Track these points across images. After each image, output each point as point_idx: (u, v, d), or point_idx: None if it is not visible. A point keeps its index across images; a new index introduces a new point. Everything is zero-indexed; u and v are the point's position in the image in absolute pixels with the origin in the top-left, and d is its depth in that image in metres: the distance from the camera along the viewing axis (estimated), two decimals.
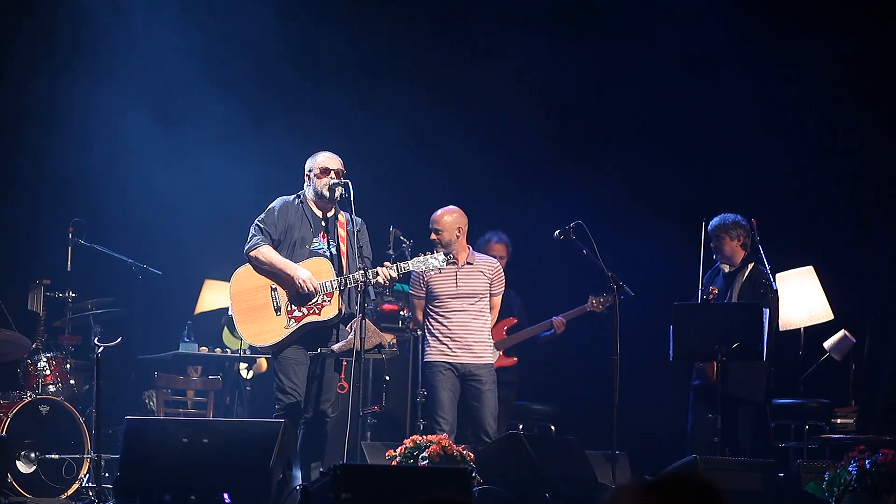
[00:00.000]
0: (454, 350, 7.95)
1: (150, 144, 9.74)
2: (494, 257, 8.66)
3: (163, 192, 9.86)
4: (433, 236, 7.99)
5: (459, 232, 8.00)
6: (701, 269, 8.52)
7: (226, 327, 9.60)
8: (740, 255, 8.67)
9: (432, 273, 7.82)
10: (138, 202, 9.91)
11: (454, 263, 7.90)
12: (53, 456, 8.10)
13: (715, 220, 8.65)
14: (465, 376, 7.96)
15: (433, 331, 7.99)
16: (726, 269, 8.73)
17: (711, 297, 8.49)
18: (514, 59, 10.53)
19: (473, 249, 8.28)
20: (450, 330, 7.96)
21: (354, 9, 10.33)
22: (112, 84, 9.63)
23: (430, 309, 8.02)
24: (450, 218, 8.00)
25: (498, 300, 8.16)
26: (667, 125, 10.41)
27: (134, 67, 9.77)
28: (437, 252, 7.46)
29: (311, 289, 7.18)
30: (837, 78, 9.82)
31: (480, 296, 8.02)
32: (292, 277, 7.21)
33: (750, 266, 8.63)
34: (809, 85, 9.93)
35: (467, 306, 7.98)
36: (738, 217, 8.64)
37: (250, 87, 9.99)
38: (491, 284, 8.06)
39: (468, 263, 8.03)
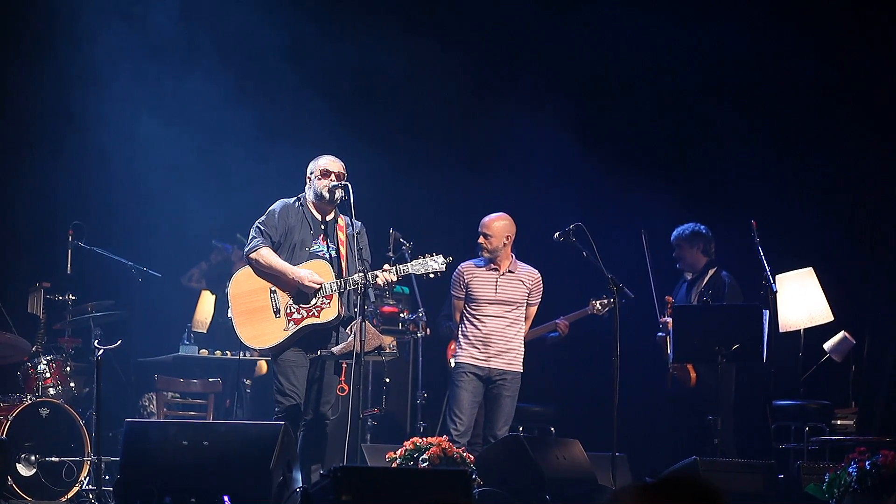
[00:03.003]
0: (484, 354, 7.99)
1: (150, 146, 9.73)
2: None
3: (163, 194, 9.86)
4: (480, 240, 8.05)
5: (507, 240, 8.07)
6: (651, 277, 8.73)
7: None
8: (701, 262, 8.96)
9: (470, 275, 7.91)
10: (138, 204, 9.92)
11: (496, 270, 7.99)
12: (53, 459, 8.09)
13: (676, 231, 9.00)
14: (489, 380, 8.01)
15: (466, 332, 8.06)
16: (689, 276, 9.01)
17: (669, 307, 8.69)
18: (516, 59, 10.54)
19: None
20: (483, 334, 8.01)
21: (356, 14, 10.33)
22: (112, 87, 9.63)
23: (467, 311, 8.10)
24: (500, 224, 8.05)
25: (533, 310, 8.24)
26: (666, 125, 10.42)
27: (134, 69, 9.77)
28: (436, 254, 7.46)
29: (316, 284, 7.18)
30: (840, 80, 9.83)
31: (517, 304, 8.08)
32: (292, 279, 7.21)
33: (710, 272, 8.91)
34: (811, 86, 9.94)
35: (504, 313, 8.04)
36: (699, 226, 8.95)
37: (252, 91, 9.99)
38: (529, 294, 8.11)
39: (509, 272, 8.08)
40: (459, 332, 8.12)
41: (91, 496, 7.89)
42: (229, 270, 9.91)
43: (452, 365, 8.29)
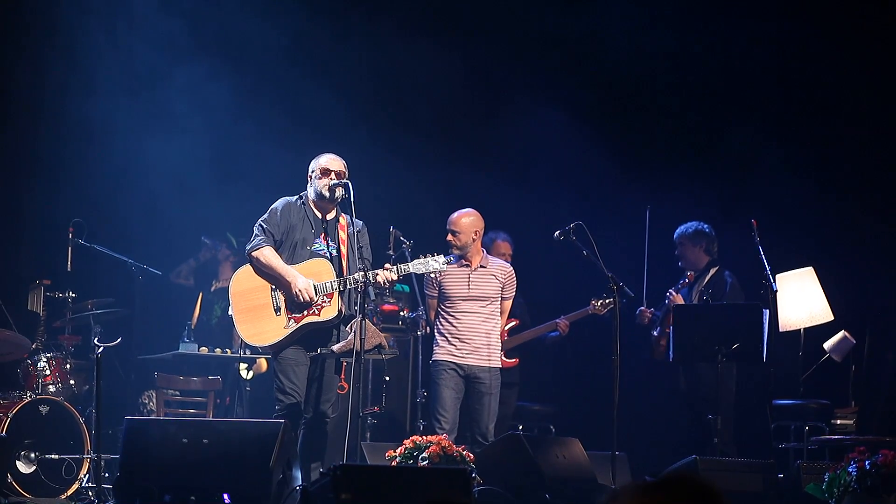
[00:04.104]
0: (461, 351, 7.97)
1: (151, 145, 9.73)
2: (502, 255, 8.82)
3: (164, 192, 9.86)
4: (449, 237, 8.03)
5: (476, 235, 8.04)
6: (646, 258, 8.77)
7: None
8: (703, 260, 8.97)
9: (442, 274, 7.85)
10: (138, 202, 9.92)
11: (467, 266, 7.97)
12: (53, 456, 8.09)
13: (679, 229, 9.01)
14: (469, 378, 7.99)
15: (442, 331, 8.03)
16: (691, 275, 8.97)
17: (678, 293, 8.75)
18: (519, 56, 10.52)
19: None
20: (458, 331, 7.99)
21: (359, 11, 10.33)
22: (113, 86, 9.63)
23: (441, 309, 8.07)
24: (467, 220, 8.03)
25: (508, 304, 8.20)
26: (664, 124, 10.41)
27: (133, 68, 9.77)
28: (437, 254, 7.47)
29: (307, 298, 7.19)
30: (841, 79, 9.83)
31: (491, 299, 8.05)
32: (290, 284, 7.21)
33: (712, 271, 8.92)
34: (811, 85, 9.94)
35: (478, 308, 8.01)
36: (702, 225, 8.96)
37: (255, 92, 9.99)
38: (503, 289, 8.09)
39: (481, 267, 8.07)
40: (436, 331, 8.09)
41: (91, 493, 7.89)
42: (215, 269, 9.98)
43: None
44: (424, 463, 6.65)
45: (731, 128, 10.15)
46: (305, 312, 7.25)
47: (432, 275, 7.92)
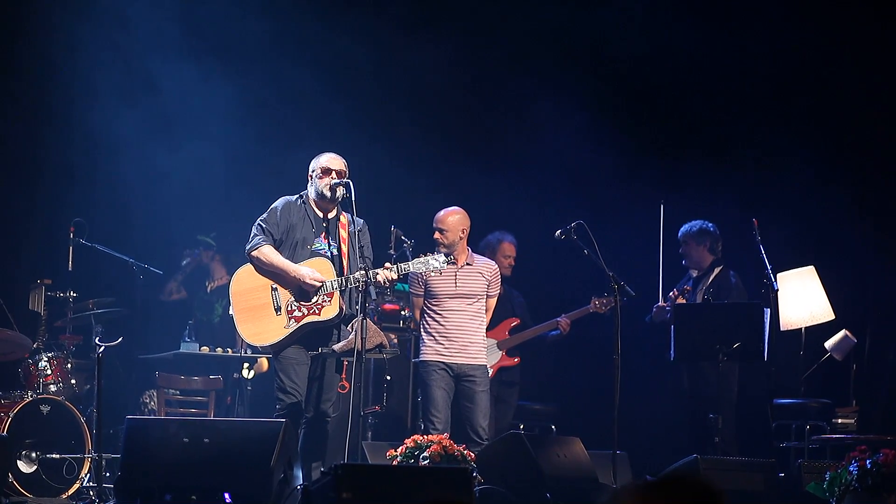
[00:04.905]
0: (449, 350, 7.95)
1: (153, 144, 9.73)
2: (507, 257, 8.81)
3: (164, 192, 9.86)
4: (436, 235, 8.00)
5: (463, 233, 8.02)
6: (662, 253, 8.72)
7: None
8: (707, 259, 8.97)
9: (432, 273, 7.83)
10: (139, 202, 9.92)
11: (454, 264, 7.93)
12: (54, 455, 8.09)
13: (683, 227, 8.99)
14: (458, 376, 7.96)
15: (429, 329, 8.00)
16: (694, 273, 9.01)
17: (681, 296, 8.72)
18: (520, 54, 10.52)
19: (482, 249, 8.30)
20: (446, 329, 7.96)
21: (361, 8, 10.32)
22: (114, 84, 9.63)
23: (427, 308, 8.03)
24: (454, 219, 8.02)
25: (493, 302, 8.18)
26: (664, 123, 10.40)
27: (135, 69, 9.77)
28: (437, 254, 7.46)
29: (317, 283, 7.18)
30: (838, 76, 9.83)
31: (478, 297, 8.03)
32: (294, 277, 7.21)
33: (716, 270, 8.91)
34: (809, 82, 9.94)
35: (465, 306, 7.99)
36: (706, 224, 8.96)
37: (254, 90, 9.98)
38: (488, 286, 8.08)
39: (467, 264, 8.04)
40: (422, 330, 8.07)
41: (92, 493, 7.88)
42: (206, 272, 10.00)
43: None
44: (425, 462, 6.65)
45: (733, 127, 10.15)
46: (306, 312, 7.25)
47: (432, 273, 7.90)
